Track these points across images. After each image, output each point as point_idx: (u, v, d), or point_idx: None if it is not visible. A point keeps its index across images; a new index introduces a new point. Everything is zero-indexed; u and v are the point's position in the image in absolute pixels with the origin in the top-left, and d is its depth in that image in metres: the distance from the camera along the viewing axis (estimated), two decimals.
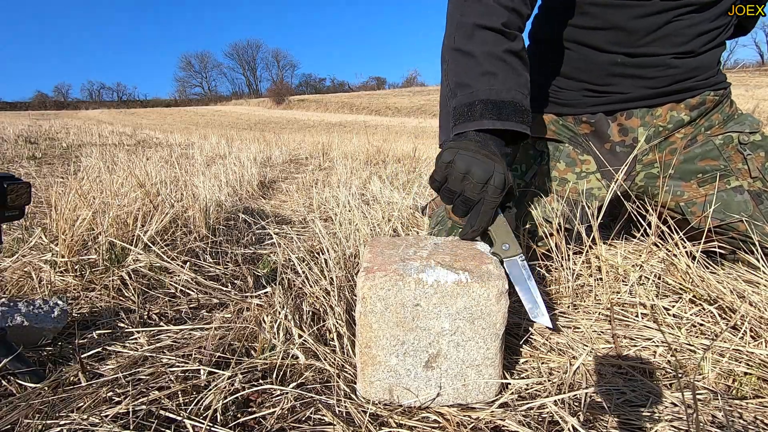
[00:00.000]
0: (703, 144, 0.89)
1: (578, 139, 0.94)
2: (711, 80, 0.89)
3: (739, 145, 0.87)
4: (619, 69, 0.86)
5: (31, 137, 4.86)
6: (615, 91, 0.88)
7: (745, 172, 0.86)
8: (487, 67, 0.67)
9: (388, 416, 0.51)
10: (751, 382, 0.57)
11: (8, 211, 0.55)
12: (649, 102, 0.88)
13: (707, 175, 0.88)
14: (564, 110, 0.94)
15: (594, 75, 0.89)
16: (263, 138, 6.01)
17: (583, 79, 0.90)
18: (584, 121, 0.92)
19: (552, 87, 0.94)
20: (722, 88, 0.90)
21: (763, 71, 25.72)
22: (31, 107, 48.47)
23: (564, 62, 0.91)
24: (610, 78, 0.88)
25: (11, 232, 1.16)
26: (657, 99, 0.88)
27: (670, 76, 0.86)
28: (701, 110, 0.89)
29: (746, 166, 0.86)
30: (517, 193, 0.63)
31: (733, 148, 0.88)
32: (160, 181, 1.54)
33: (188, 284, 0.90)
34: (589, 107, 0.91)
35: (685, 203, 0.89)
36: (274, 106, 36.89)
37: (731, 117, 0.92)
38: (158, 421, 0.50)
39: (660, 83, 0.86)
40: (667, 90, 0.87)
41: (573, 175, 0.92)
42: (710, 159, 0.88)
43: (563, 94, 0.93)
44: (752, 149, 0.86)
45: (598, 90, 0.90)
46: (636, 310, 0.76)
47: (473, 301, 0.50)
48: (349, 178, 2.26)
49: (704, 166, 0.88)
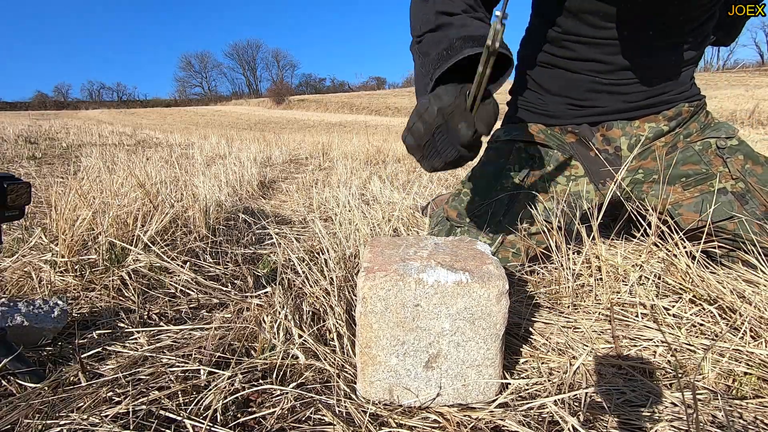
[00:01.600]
0: (683, 150, 0.95)
1: (565, 147, 1.00)
2: (685, 94, 0.95)
3: (717, 149, 0.92)
4: (597, 86, 0.93)
5: (31, 137, 4.86)
6: (595, 105, 0.95)
7: (726, 174, 0.89)
8: (459, 23, 0.69)
9: (388, 416, 0.51)
10: (751, 382, 0.57)
11: (8, 211, 0.55)
12: (627, 114, 0.95)
13: (690, 179, 0.91)
14: (551, 121, 1.01)
15: (575, 92, 0.96)
16: (263, 138, 6.01)
17: (565, 95, 0.98)
18: (570, 131, 0.99)
19: (539, 101, 1.02)
20: (696, 100, 0.97)
21: (763, 71, 25.72)
22: (31, 107, 48.49)
23: (548, 81, 0.99)
24: (590, 94, 0.95)
25: (11, 232, 1.15)
26: (634, 112, 0.95)
27: (644, 91, 0.92)
28: (678, 120, 0.95)
29: (727, 168, 0.89)
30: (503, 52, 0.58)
31: (712, 153, 0.92)
32: (160, 181, 1.54)
33: (188, 284, 0.90)
34: (573, 118, 0.98)
35: (672, 206, 0.92)
36: (274, 106, 36.88)
37: (708, 125, 0.98)
38: (158, 421, 0.50)
39: (636, 98, 0.93)
40: (644, 104, 0.94)
41: (563, 178, 0.98)
42: (692, 164, 0.93)
43: (549, 107, 1.00)
44: (730, 153, 0.91)
45: (580, 104, 0.97)
46: (636, 310, 0.76)
47: (473, 301, 0.50)
48: (349, 178, 2.26)
49: (687, 170, 0.92)
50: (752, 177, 0.87)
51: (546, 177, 0.97)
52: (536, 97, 1.02)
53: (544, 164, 0.98)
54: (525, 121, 1.03)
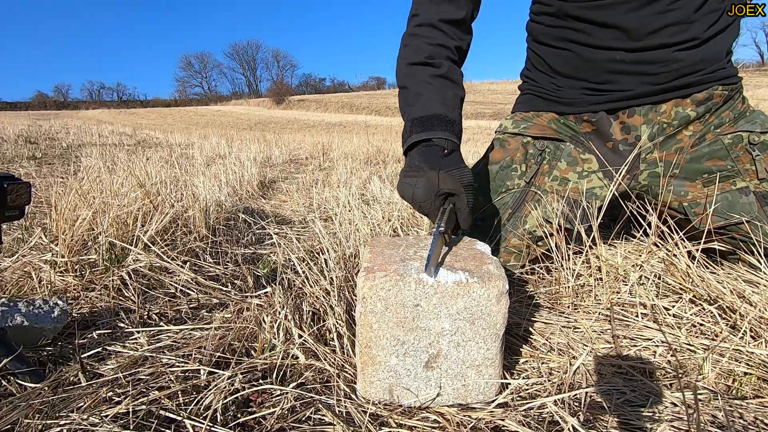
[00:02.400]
0: (712, 143, 0.86)
1: (580, 138, 0.92)
2: (719, 73, 0.84)
3: (748, 145, 0.84)
4: (618, 66, 0.84)
5: (31, 137, 4.86)
6: (616, 89, 0.86)
7: (752, 173, 0.83)
8: (417, 90, 0.76)
9: (388, 416, 0.51)
10: (751, 382, 0.57)
11: (8, 211, 0.55)
12: (652, 98, 0.85)
13: (713, 176, 0.85)
14: (565, 109, 0.92)
15: (593, 73, 0.87)
16: (263, 138, 6.00)
17: (582, 77, 0.89)
18: (585, 120, 0.91)
19: (552, 86, 0.93)
20: (732, 83, 0.85)
21: (763, 71, 25.72)
22: (31, 107, 48.47)
23: (563, 62, 0.90)
24: (610, 75, 0.86)
25: (11, 232, 1.16)
26: (661, 95, 0.85)
27: (674, 70, 0.82)
28: (708, 105, 0.85)
29: (754, 167, 0.83)
30: (471, 182, 0.64)
31: (741, 148, 0.84)
32: (160, 181, 1.54)
33: (188, 284, 0.90)
34: (590, 106, 0.89)
35: (689, 203, 0.87)
36: (274, 106, 36.88)
37: (742, 114, 0.88)
38: (158, 421, 0.50)
39: (663, 79, 0.83)
40: (672, 85, 0.84)
41: (575, 175, 0.91)
42: (717, 159, 0.85)
43: (563, 93, 0.92)
44: (761, 150, 0.83)
45: (598, 88, 0.88)
46: (636, 310, 0.76)
47: (473, 301, 0.50)
48: (349, 178, 2.26)
49: (710, 166, 0.85)
50: None
51: (556, 174, 0.91)
52: (548, 81, 0.94)
53: (554, 160, 0.92)
54: (536, 110, 0.96)
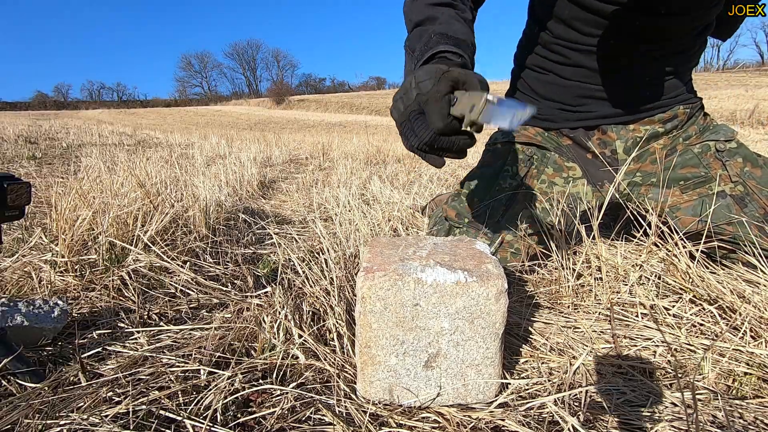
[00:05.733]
0: (683, 153, 0.95)
1: (562, 150, 1.00)
2: (680, 97, 0.95)
3: (716, 152, 0.92)
4: (586, 92, 0.94)
5: (31, 137, 4.86)
6: (587, 110, 0.96)
7: (725, 177, 0.89)
8: (444, 20, 0.72)
9: (388, 416, 0.51)
10: (751, 382, 0.57)
11: (8, 211, 0.55)
12: (620, 119, 0.95)
13: (689, 182, 0.91)
14: (546, 125, 1.01)
15: (566, 97, 0.97)
16: (263, 138, 6.00)
17: (556, 100, 0.98)
18: (565, 134, 1.00)
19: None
20: (692, 102, 0.96)
21: (763, 71, 25.72)
22: (31, 107, 48.48)
23: (541, 85, 1.00)
24: (581, 99, 0.95)
25: (11, 232, 1.16)
26: (627, 116, 0.95)
27: (635, 98, 0.92)
28: (675, 123, 0.95)
29: (726, 171, 0.89)
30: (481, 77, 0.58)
31: (711, 156, 0.92)
32: (160, 181, 1.54)
33: (188, 284, 0.90)
34: (566, 122, 0.99)
35: (669, 209, 0.92)
36: (274, 106, 36.87)
37: (707, 128, 0.97)
38: (158, 421, 0.50)
39: (627, 104, 0.93)
40: (635, 110, 0.94)
41: (561, 180, 0.98)
42: (691, 167, 0.93)
43: (543, 111, 1.01)
44: (729, 156, 0.91)
45: (571, 110, 0.97)
46: (636, 310, 0.76)
47: (472, 300, 0.50)
48: (349, 178, 2.26)
49: (685, 173, 0.93)
50: (751, 180, 0.87)
51: (544, 178, 0.98)
52: (530, 101, 1.02)
53: (542, 165, 0.99)
54: (523, 124, 1.04)
